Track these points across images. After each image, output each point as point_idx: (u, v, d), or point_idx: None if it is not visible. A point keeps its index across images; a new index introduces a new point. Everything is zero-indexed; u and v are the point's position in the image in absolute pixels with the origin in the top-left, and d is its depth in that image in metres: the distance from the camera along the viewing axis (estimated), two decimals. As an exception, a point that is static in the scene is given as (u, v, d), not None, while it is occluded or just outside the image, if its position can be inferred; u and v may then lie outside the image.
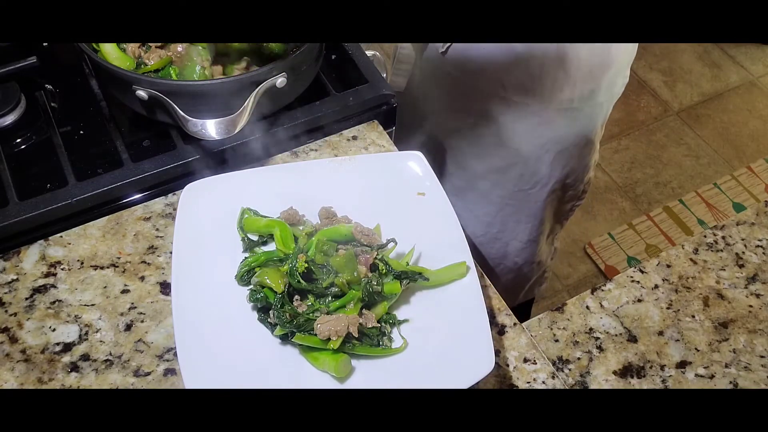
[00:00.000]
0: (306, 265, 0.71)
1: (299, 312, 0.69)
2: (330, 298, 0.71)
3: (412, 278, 0.73)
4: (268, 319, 0.71)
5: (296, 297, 0.71)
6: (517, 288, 1.41)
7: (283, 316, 0.68)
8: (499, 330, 0.78)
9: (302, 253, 0.72)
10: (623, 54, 1.05)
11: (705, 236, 0.90)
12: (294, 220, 0.78)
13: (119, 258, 0.82)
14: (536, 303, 1.62)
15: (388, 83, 1.09)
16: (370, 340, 0.70)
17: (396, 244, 0.76)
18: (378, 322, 0.71)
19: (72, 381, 0.72)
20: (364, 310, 0.71)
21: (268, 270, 0.72)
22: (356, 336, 0.69)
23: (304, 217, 0.80)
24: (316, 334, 0.68)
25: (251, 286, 0.73)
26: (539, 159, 1.11)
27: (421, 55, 1.08)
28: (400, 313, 0.74)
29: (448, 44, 1.01)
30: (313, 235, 0.75)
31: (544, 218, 1.24)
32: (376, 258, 0.72)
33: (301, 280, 0.70)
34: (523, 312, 1.56)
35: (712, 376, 0.76)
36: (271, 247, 0.78)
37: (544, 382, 0.74)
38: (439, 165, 1.17)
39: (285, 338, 0.70)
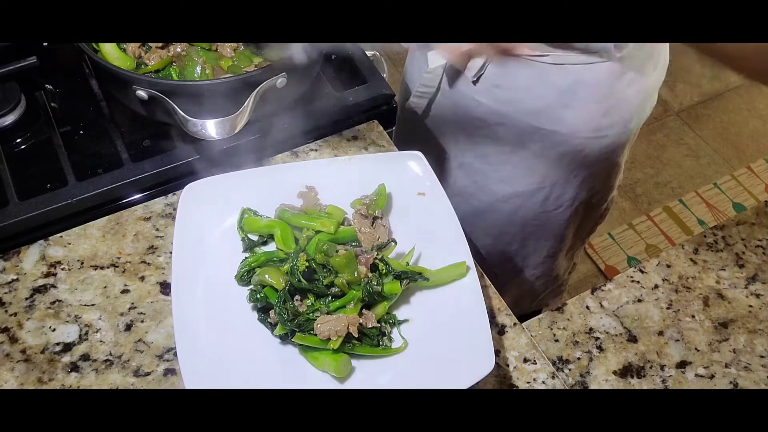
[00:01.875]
0: (307, 264, 0.71)
1: (300, 312, 0.69)
2: (330, 298, 0.71)
3: (412, 278, 0.73)
4: (268, 319, 0.71)
5: (296, 297, 0.71)
6: (530, 299, 1.40)
7: (284, 313, 0.68)
8: (499, 330, 0.78)
9: (303, 252, 0.72)
10: (655, 80, 1.04)
11: (705, 236, 0.90)
12: (312, 201, 0.79)
13: (119, 258, 0.82)
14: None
15: (409, 104, 1.08)
16: (370, 340, 0.70)
17: (396, 244, 0.76)
18: (378, 322, 0.71)
19: (72, 381, 0.72)
20: (364, 310, 0.71)
21: (269, 269, 0.72)
22: (356, 336, 0.69)
23: (319, 200, 0.80)
24: (316, 334, 0.68)
25: (251, 286, 0.73)
26: (566, 183, 1.09)
27: (449, 82, 1.06)
28: (400, 313, 0.74)
29: (480, 73, 0.98)
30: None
31: (566, 236, 1.22)
32: (376, 258, 0.72)
33: (302, 279, 0.70)
34: (529, 316, 1.55)
35: (712, 376, 0.76)
36: (271, 247, 0.78)
37: (544, 382, 0.74)
38: (460, 187, 1.15)
39: (285, 338, 0.70)
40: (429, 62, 0.96)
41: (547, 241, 1.21)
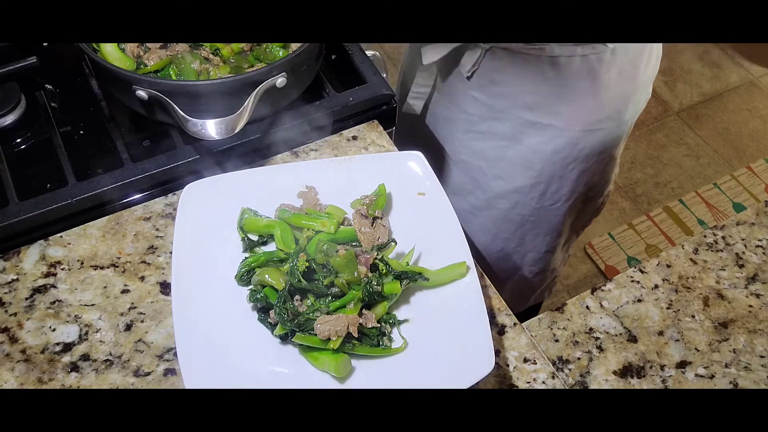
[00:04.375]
0: (307, 263, 0.71)
1: (300, 312, 0.69)
2: (330, 298, 0.71)
3: (412, 278, 0.73)
4: (268, 319, 0.71)
5: (296, 297, 0.71)
6: (529, 294, 1.40)
7: (284, 313, 0.68)
8: (499, 330, 0.78)
9: (303, 252, 0.72)
10: (650, 72, 1.04)
11: (705, 236, 0.90)
12: (312, 201, 0.79)
13: (119, 258, 0.82)
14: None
15: (409, 105, 1.08)
16: (370, 340, 0.70)
17: (396, 244, 0.76)
18: (378, 322, 0.71)
19: (72, 381, 0.72)
20: (364, 310, 0.71)
21: (269, 269, 0.72)
22: (356, 336, 0.69)
23: (319, 201, 0.81)
24: (316, 334, 0.68)
25: (251, 286, 0.73)
26: (563, 177, 1.09)
27: (442, 78, 1.06)
28: (400, 313, 0.74)
29: (474, 68, 0.98)
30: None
31: (563, 231, 1.22)
32: (376, 258, 0.72)
33: (302, 279, 0.70)
34: (529, 314, 1.55)
35: (712, 376, 0.76)
36: (271, 247, 0.78)
37: (544, 382, 0.74)
38: (457, 184, 1.15)
39: (285, 338, 0.70)
40: (423, 59, 0.96)
41: (545, 236, 1.21)
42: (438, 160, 1.14)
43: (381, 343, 0.71)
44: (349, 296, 0.71)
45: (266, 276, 0.71)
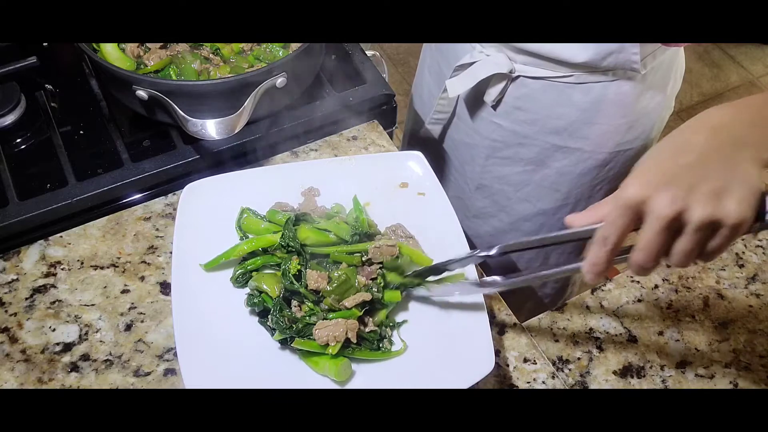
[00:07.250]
0: (299, 267, 0.70)
1: (297, 317, 0.69)
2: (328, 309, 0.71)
3: (413, 286, 0.72)
4: (268, 323, 0.71)
5: (294, 302, 0.71)
6: (548, 307, 1.39)
7: (281, 321, 0.68)
8: (499, 330, 0.78)
9: (296, 255, 0.72)
10: (675, 88, 1.03)
11: (705, 236, 0.90)
12: (312, 202, 0.79)
13: (119, 258, 0.82)
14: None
15: (424, 131, 1.08)
16: (369, 344, 0.70)
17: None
18: (377, 326, 0.71)
19: (72, 381, 0.72)
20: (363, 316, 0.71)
21: (264, 275, 0.72)
22: (355, 342, 0.68)
23: (316, 197, 0.81)
24: (314, 339, 0.67)
25: (248, 291, 0.73)
26: (590, 198, 1.06)
27: (465, 105, 1.04)
28: (400, 315, 0.74)
29: (500, 97, 0.97)
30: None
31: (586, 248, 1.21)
32: (378, 274, 0.72)
33: (294, 281, 0.70)
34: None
35: (712, 376, 0.76)
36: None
37: (544, 382, 0.74)
38: (478, 208, 1.12)
39: (284, 342, 0.70)
40: (449, 91, 0.95)
41: (569, 255, 1.20)
42: (457, 184, 1.12)
43: (381, 346, 0.70)
44: (350, 311, 0.70)
45: (262, 284, 0.70)
